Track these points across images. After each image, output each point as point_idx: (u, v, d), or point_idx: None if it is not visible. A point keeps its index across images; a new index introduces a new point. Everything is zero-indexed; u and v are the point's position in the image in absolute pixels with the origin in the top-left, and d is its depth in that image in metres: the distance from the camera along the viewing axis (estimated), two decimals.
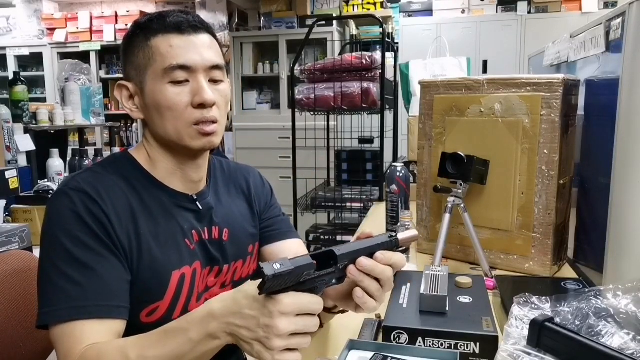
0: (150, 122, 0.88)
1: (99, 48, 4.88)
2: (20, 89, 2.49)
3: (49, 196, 2.05)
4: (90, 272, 0.78)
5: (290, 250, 1.06)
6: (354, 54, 2.60)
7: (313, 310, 0.65)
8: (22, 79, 2.55)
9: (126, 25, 4.76)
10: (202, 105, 0.85)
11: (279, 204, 1.13)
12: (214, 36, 0.91)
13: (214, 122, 0.86)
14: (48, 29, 5.08)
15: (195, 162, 0.92)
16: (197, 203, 0.93)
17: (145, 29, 0.85)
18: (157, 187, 0.90)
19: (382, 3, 4.57)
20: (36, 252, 0.90)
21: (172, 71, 0.83)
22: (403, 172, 1.43)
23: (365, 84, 2.50)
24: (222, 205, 0.99)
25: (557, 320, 0.77)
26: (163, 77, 0.83)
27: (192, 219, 0.92)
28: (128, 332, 0.83)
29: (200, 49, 0.85)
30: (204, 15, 4.96)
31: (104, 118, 3.09)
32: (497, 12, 4.41)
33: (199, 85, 0.84)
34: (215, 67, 0.87)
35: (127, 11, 4.89)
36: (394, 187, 1.42)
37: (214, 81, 0.87)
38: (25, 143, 2.31)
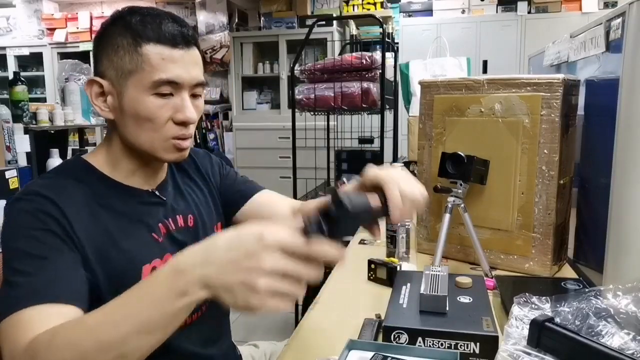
0: (122, 126, 0.85)
1: None
2: (20, 89, 2.49)
3: None
4: (43, 261, 0.73)
5: (269, 202, 1.08)
6: (354, 54, 2.60)
7: (305, 252, 0.57)
8: (22, 79, 2.55)
9: None
10: (183, 123, 0.84)
11: (232, 170, 1.14)
12: (200, 49, 0.89)
13: (189, 138, 0.87)
14: (48, 29, 5.08)
15: (159, 165, 0.93)
16: (159, 195, 0.93)
17: (136, 31, 0.81)
18: (117, 188, 0.88)
19: (382, 3, 4.57)
20: None
21: (160, 85, 0.81)
22: None
23: (365, 84, 2.50)
24: (182, 193, 0.99)
25: (557, 320, 0.77)
26: (148, 89, 0.81)
27: (157, 213, 0.91)
28: None
29: (189, 65, 0.83)
30: (204, 15, 4.97)
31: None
32: (497, 12, 4.41)
33: (182, 102, 0.83)
34: (199, 84, 0.86)
35: None
36: None
37: (193, 96, 0.86)
38: (22, 144, 2.31)
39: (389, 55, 2.99)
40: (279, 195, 1.13)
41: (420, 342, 0.84)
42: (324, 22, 4.23)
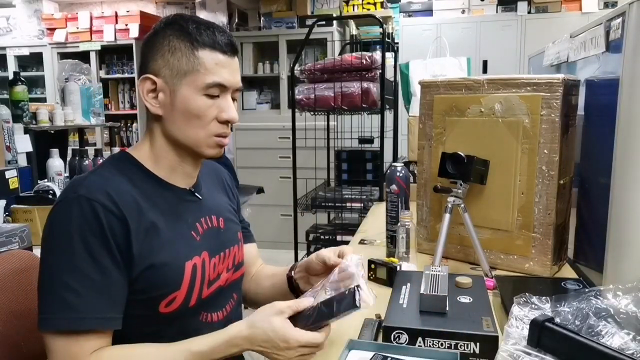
0: (170, 122, 0.91)
1: (99, 48, 4.87)
2: (20, 89, 2.49)
3: (50, 196, 2.05)
4: (91, 283, 0.80)
5: (251, 254, 1.17)
6: (354, 54, 2.60)
7: (317, 342, 0.82)
8: (22, 79, 2.55)
9: (126, 25, 4.75)
10: (227, 122, 0.92)
11: (238, 196, 1.22)
12: (239, 57, 0.98)
13: (229, 135, 0.95)
14: (48, 29, 5.07)
15: (197, 162, 0.99)
16: (196, 194, 0.99)
17: (194, 36, 0.88)
18: (161, 185, 0.94)
19: (382, 3, 4.57)
20: (36, 251, 0.89)
21: (212, 87, 0.89)
22: (403, 172, 1.43)
23: (365, 84, 2.50)
24: (212, 196, 1.05)
25: (557, 320, 0.77)
26: (201, 89, 0.89)
27: (195, 211, 0.97)
28: (147, 324, 0.88)
29: (235, 72, 0.93)
30: (204, 15, 4.96)
31: (104, 118, 3.08)
32: (497, 12, 4.41)
33: (227, 103, 0.92)
34: (239, 88, 0.95)
35: (127, 11, 4.89)
36: (394, 187, 1.42)
37: (232, 99, 0.94)
38: (24, 144, 2.31)
39: (389, 55, 2.99)
40: (257, 251, 1.22)
41: (420, 342, 0.84)
42: (324, 22, 4.23)
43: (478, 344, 0.82)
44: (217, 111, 0.91)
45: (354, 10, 4.65)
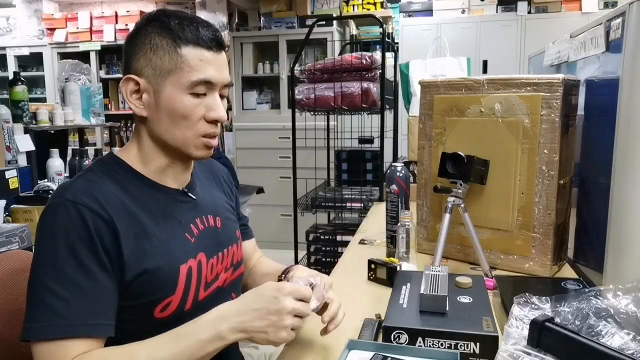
0: (156, 123, 0.88)
1: (99, 48, 4.87)
2: (20, 89, 2.48)
3: (49, 196, 2.05)
4: (78, 289, 0.77)
5: (248, 250, 1.17)
6: (354, 54, 2.60)
7: (305, 295, 0.80)
8: (22, 79, 2.55)
9: (126, 25, 4.75)
10: (214, 121, 0.89)
11: (237, 194, 1.20)
12: (226, 52, 0.94)
13: (217, 136, 0.92)
14: (48, 29, 5.08)
15: (188, 162, 0.96)
16: (189, 194, 0.96)
17: (176, 33, 0.85)
18: (151, 186, 0.91)
19: (382, 3, 4.57)
20: None
21: (197, 85, 0.86)
22: (403, 172, 1.43)
23: (365, 84, 2.50)
24: (208, 195, 1.03)
25: (557, 320, 0.77)
26: (186, 88, 0.85)
27: (188, 212, 0.95)
28: (142, 330, 0.85)
29: (222, 68, 0.89)
30: (204, 15, 4.96)
31: (104, 118, 3.08)
32: (497, 12, 4.41)
33: (215, 101, 0.88)
34: (227, 84, 0.91)
35: (127, 11, 4.89)
36: (394, 187, 1.42)
37: (220, 96, 0.91)
38: (25, 143, 2.31)
39: (389, 55, 2.99)
40: (255, 246, 1.22)
41: (420, 342, 0.84)
42: (324, 22, 4.23)
43: (478, 344, 0.82)
44: (204, 110, 0.88)
45: (354, 10, 4.65)
